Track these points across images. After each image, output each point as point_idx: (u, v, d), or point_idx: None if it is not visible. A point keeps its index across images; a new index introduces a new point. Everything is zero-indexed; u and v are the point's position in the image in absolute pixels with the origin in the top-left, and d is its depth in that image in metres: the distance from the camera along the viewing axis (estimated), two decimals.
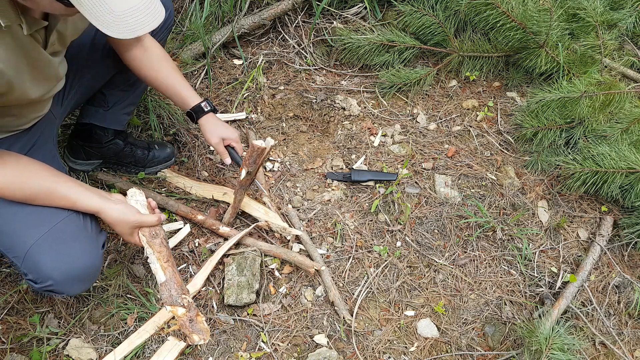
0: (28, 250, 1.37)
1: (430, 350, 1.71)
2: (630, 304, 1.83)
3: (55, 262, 1.39)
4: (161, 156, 2.06)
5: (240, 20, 2.47)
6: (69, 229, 1.42)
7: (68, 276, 1.40)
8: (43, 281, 1.39)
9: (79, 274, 1.43)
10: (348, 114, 2.36)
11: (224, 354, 1.67)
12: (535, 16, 2.21)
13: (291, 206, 2.02)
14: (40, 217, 1.40)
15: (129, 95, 1.89)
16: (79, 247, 1.42)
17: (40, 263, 1.38)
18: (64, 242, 1.40)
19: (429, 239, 1.96)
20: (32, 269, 1.39)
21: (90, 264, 1.44)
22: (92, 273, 1.47)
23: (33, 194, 1.37)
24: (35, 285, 1.41)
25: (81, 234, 1.44)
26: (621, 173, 1.94)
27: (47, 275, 1.39)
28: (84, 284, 1.50)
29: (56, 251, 1.39)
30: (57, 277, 1.39)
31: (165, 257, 1.52)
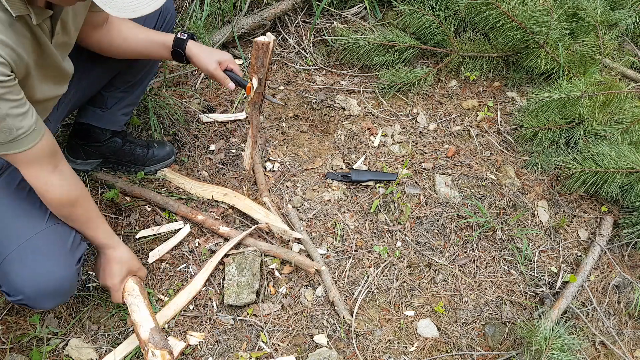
0: (2, 261, 1.36)
1: (430, 350, 1.71)
2: (630, 304, 1.83)
3: (27, 278, 1.36)
4: (160, 154, 2.06)
5: (240, 20, 2.47)
6: (44, 243, 1.39)
7: (39, 292, 1.38)
8: (15, 295, 1.38)
9: (51, 290, 1.40)
10: (348, 114, 2.36)
11: (224, 354, 1.67)
12: (535, 16, 2.21)
13: (291, 206, 2.02)
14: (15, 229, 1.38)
15: (128, 96, 1.88)
16: (53, 263, 1.39)
17: (12, 277, 1.36)
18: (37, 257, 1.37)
19: (429, 239, 1.96)
20: (5, 281, 1.37)
21: (63, 281, 1.41)
22: (65, 289, 1.44)
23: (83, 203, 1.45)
24: (9, 298, 1.39)
25: (56, 249, 1.41)
26: (621, 173, 1.94)
27: (19, 290, 1.37)
28: (57, 300, 1.46)
29: (28, 267, 1.36)
30: (28, 293, 1.37)
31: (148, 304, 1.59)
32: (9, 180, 1.42)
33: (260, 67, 1.62)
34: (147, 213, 1.97)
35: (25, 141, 1.24)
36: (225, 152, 2.19)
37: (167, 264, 1.85)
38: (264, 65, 1.61)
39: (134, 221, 1.93)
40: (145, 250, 1.87)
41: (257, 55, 1.59)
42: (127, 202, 1.97)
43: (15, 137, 1.21)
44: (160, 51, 1.70)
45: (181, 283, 1.81)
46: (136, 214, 1.95)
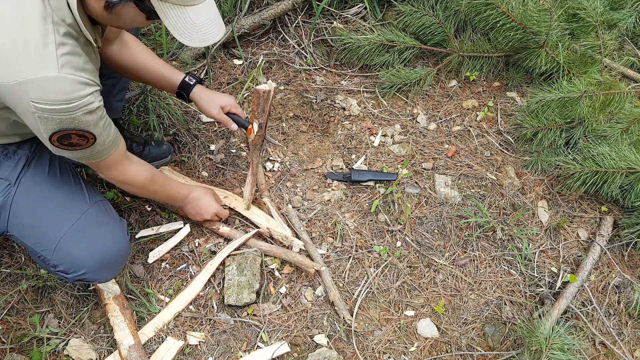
0: (59, 241, 1.43)
1: (430, 350, 1.71)
2: (630, 304, 1.83)
3: (88, 250, 1.45)
4: (156, 153, 2.05)
5: (240, 20, 2.47)
6: (96, 217, 1.50)
7: (101, 263, 1.48)
8: (76, 270, 1.46)
9: (111, 260, 1.51)
10: (348, 114, 2.36)
11: (224, 354, 1.67)
12: (535, 16, 2.21)
13: (291, 206, 2.02)
14: (64, 209, 1.47)
15: (117, 81, 1.88)
16: (108, 233, 1.50)
17: (72, 252, 1.44)
18: (93, 230, 1.48)
19: (429, 239, 1.96)
20: (64, 259, 1.45)
21: (120, 249, 1.52)
22: (122, 258, 1.56)
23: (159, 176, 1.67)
24: (68, 276, 1.47)
25: (108, 221, 1.53)
26: (621, 173, 1.94)
27: (80, 264, 1.45)
28: (115, 270, 1.57)
29: (87, 239, 1.46)
30: (90, 265, 1.46)
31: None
32: (39, 172, 1.49)
33: (261, 112, 1.70)
34: (147, 213, 1.97)
35: (112, 146, 1.40)
36: (225, 152, 2.19)
37: (167, 264, 1.85)
38: (264, 111, 1.70)
39: (134, 221, 1.93)
40: (145, 250, 1.87)
41: (258, 102, 1.67)
42: (127, 202, 1.97)
43: (106, 146, 1.37)
44: (165, 87, 1.81)
45: (181, 283, 1.81)
46: (136, 214, 1.95)
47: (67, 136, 1.25)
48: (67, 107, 1.19)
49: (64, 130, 1.23)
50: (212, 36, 1.25)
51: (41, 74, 1.14)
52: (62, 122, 1.21)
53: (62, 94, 1.17)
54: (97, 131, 1.30)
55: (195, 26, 1.22)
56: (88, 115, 1.24)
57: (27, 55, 1.14)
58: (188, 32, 1.21)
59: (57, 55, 1.15)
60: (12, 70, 1.14)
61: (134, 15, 1.22)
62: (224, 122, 1.81)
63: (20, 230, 1.46)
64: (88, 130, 1.27)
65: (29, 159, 1.48)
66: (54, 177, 1.51)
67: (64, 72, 1.16)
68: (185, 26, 1.21)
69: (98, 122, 1.29)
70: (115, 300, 1.68)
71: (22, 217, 1.45)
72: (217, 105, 1.78)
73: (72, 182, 1.54)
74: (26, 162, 1.47)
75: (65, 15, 1.18)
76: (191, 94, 1.78)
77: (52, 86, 1.15)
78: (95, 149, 1.34)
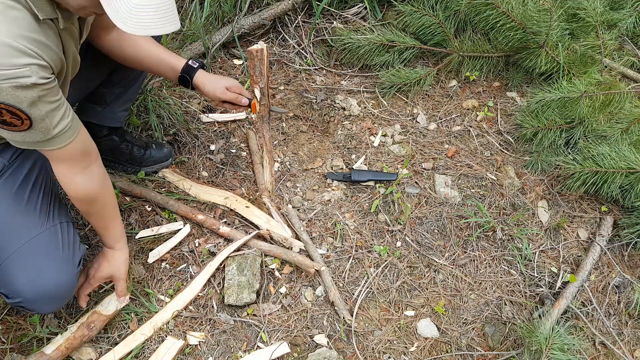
0: (1, 264, 1.35)
1: (430, 350, 1.71)
2: (630, 304, 1.83)
3: (27, 280, 1.35)
4: (157, 156, 2.05)
5: (240, 20, 2.47)
6: (44, 245, 1.39)
7: (39, 295, 1.37)
8: (13, 297, 1.37)
9: (51, 293, 1.39)
10: (348, 114, 2.36)
11: (224, 354, 1.67)
12: (535, 16, 2.21)
13: (291, 206, 2.02)
14: (14, 231, 1.37)
15: (127, 91, 1.87)
16: (53, 266, 1.39)
17: (11, 279, 1.35)
18: (37, 260, 1.37)
19: (429, 239, 1.96)
20: (4, 283, 1.37)
21: (63, 284, 1.41)
22: (65, 292, 1.44)
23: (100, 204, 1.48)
24: (7, 300, 1.39)
25: (56, 251, 1.41)
26: (621, 173, 1.94)
27: (18, 292, 1.36)
28: (56, 303, 1.46)
29: (28, 269, 1.36)
30: (27, 295, 1.36)
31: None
32: (9, 182, 1.41)
33: (259, 75, 1.64)
34: (147, 213, 1.97)
35: (59, 139, 1.25)
36: (225, 152, 2.19)
37: (167, 264, 1.85)
38: (262, 73, 1.63)
39: (134, 221, 1.93)
40: (145, 250, 1.87)
41: (253, 64, 1.61)
42: (127, 202, 1.97)
43: (52, 136, 1.23)
44: (168, 72, 1.73)
45: (181, 283, 1.81)
46: (136, 214, 1.95)
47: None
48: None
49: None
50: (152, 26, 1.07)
51: None
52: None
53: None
54: (34, 113, 1.14)
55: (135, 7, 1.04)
56: (19, 90, 1.09)
57: None
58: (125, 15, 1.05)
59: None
60: None
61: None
62: (232, 99, 1.72)
63: None
64: (20, 109, 1.12)
65: (4, 168, 1.40)
66: (21, 193, 1.41)
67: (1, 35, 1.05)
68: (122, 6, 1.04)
69: (36, 103, 1.14)
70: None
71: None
72: (222, 87, 1.71)
73: (38, 201, 1.42)
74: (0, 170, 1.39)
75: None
76: (195, 78, 1.71)
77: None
78: (34, 134, 1.20)
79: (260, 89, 1.66)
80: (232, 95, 1.72)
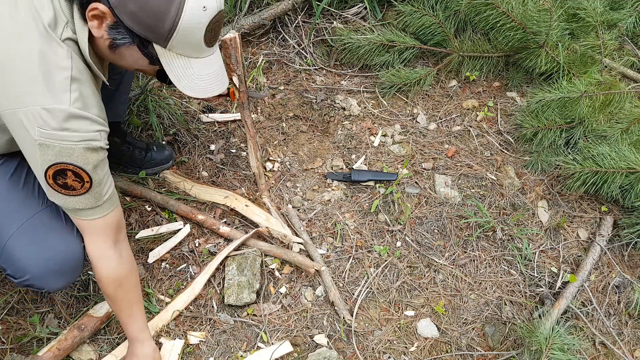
0: (5, 243, 1.36)
1: (430, 350, 1.71)
2: (630, 304, 1.83)
3: (32, 255, 1.36)
4: (158, 158, 2.05)
5: (240, 20, 2.47)
6: (46, 221, 1.40)
7: (46, 269, 1.37)
8: (21, 275, 1.37)
9: (58, 266, 1.39)
10: (348, 114, 2.36)
11: (224, 354, 1.67)
12: (535, 16, 2.21)
13: (291, 206, 2.02)
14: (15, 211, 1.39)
15: (120, 86, 1.87)
16: (57, 237, 1.39)
17: (16, 256, 1.36)
18: (41, 234, 1.38)
19: (429, 239, 1.96)
20: (10, 263, 1.37)
21: (69, 255, 1.40)
22: (72, 265, 1.42)
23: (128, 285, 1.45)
24: (14, 280, 1.39)
25: (59, 225, 1.41)
26: (621, 173, 1.94)
27: (25, 269, 1.36)
28: (65, 278, 1.44)
29: (33, 244, 1.36)
30: (34, 271, 1.36)
31: None
32: (2, 171, 1.43)
33: (235, 63, 1.67)
34: (147, 213, 1.97)
35: (105, 206, 1.31)
36: (225, 152, 2.19)
37: (167, 264, 1.85)
38: (238, 61, 1.67)
39: (134, 221, 1.93)
40: (145, 250, 1.87)
41: (228, 53, 1.65)
42: (127, 202, 1.97)
43: (102, 202, 1.29)
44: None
45: (181, 283, 1.81)
46: (136, 214, 1.95)
47: (63, 172, 1.20)
48: (70, 136, 1.16)
49: (61, 163, 1.19)
50: (211, 90, 1.27)
51: (53, 105, 1.14)
52: (61, 153, 1.17)
53: (69, 123, 1.16)
54: (95, 176, 1.24)
55: (197, 77, 1.24)
56: (88, 153, 1.20)
57: (41, 86, 1.14)
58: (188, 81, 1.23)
59: (71, 90, 1.16)
60: (26, 98, 1.14)
61: (137, 58, 1.23)
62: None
63: None
64: (85, 170, 1.22)
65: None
66: (18, 177, 1.44)
67: (74, 106, 1.16)
68: (186, 76, 1.23)
69: (98, 167, 1.24)
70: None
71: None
72: None
73: (34, 185, 1.44)
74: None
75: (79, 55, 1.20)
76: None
77: (61, 116, 1.15)
78: (88, 199, 1.27)
79: (238, 77, 1.69)
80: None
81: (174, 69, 1.22)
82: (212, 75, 1.27)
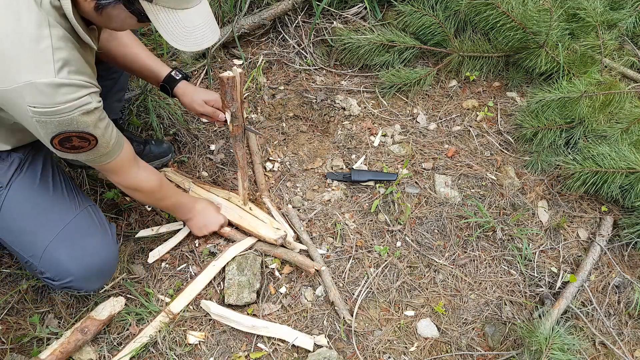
0: (46, 248, 1.42)
1: (430, 350, 1.71)
2: (630, 304, 1.83)
3: (75, 258, 1.44)
4: (157, 151, 2.05)
5: (240, 20, 2.47)
6: (84, 225, 1.49)
7: (87, 271, 1.46)
8: (62, 278, 1.44)
9: (98, 268, 1.49)
10: (348, 114, 2.36)
11: (223, 354, 1.67)
12: (535, 16, 2.21)
13: (291, 206, 2.02)
14: (51, 216, 1.46)
15: (116, 82, 1.88)
16: (96, 241, 1.49)
17: (59, 260, 1.43)
18: (81, 238, 1.46)
19: (429, 239, 1.96)
20: (51, 266, 1.44)
21: (108, 257, 1.51)
22: (110, 266, 1.54)
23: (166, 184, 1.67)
24: (54, 283, 1.46)
25: (96, 229, 1.51)
26: (621, 173, 1.94)
27: (67, 272, 1.44)
28: (103, 278, 1.56)
29: (75, 247, 1.44)
30: (76, 273, 1.45)
31: None
32: (30, 175, 1.48)
33: (230, 101, 1.64)
34: (147, 213, 1.96)
35: (116, 148, 1.40)
36: (225, 152, 2.19)
37: (167, 264, 1.85)
38: (234, 99, 1.63)
39: (133, 221, 1.93)
40: (145, 250, 1.87)
41: (224, 90, 1.61)
42: (127, 202, 1.97)
43: (111, 148, 1.37)
44: (150, 78, 1.79)
45: (181, 283, 1.81)
46: (136, 214, 1.95)
47: (67, 139, 1.25)
48: (63, 108, 1.19)
49: (63, 132, 1.23)
50: (205, 40, 1.23)
51: (38, 80, 1.14)
52: (61, 125, 1.21)
53: (58, 96, 1.17)
54: (97, 132, 1.29)
55: (187, 30, 1.20)
56: (86, 116, 1.24)
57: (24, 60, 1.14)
58: (180, 35, 1.20)
59: (54, 60, 1.15)
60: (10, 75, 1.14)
61: (124, 17, 1.21)
62: (209, 114, 1.78)
63: (8, 235, 1.45)
64: (88, 132, 1.26)
65: (22, 162, 1.47)
66: (46, 181, 1.50)
67: (60, 77, 1.16)
68: (177, 30, 1.19)
69: (98, 123, 1.28)
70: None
71: (10, 221, 1.43)
72: (201, 99, 1.76)
73: (63, 187, 1.53)
74: (19, 165, 1.46)
75: (60, 20, 1.18)
76: (175, 89, 1.76)
77: (49, 91, 1.15)
78: (98, 150, 1.34)
79: (232, 113, 1.68)
80: (210, 109, 1.77)
81: (163, 24, 1.19)
82: (203, 26, 1.23)
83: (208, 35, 1.24)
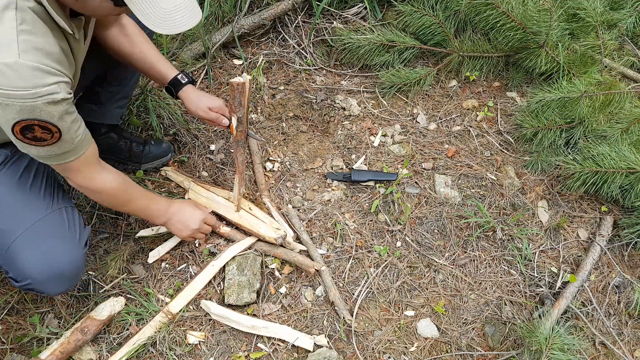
0: (9, 246, 1.37)
1: (430, 350, 1.71)
2: (630, 304, 1.83)
3: (35, 261, 1.38)
4: (156, 151, 2.05)
5: (240, 20, 2.47)
6: (51, 226, 1.42)
7: (48, 275, 1.39)
8: (22, 279, 1.39)
9: (58, 272, 1.41)
10: (348, 114, 2.36)
11: (223, 354, 1.67)
12: (535, 16, 2.21)
13: (291, 206, 2.02)
14: (21, 214, 1.41)
15: (121, 89, 1.88)
16: (60, 245, 1.42)
17: (19, 261, 1.37)
18: (45, 239, 1.40)
19: (429, 239, 1.96)
20: (11, 266, 1.39)
21: (70, 262, 1.43)
22: (72, 271, 1.45)
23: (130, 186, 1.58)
24: (16, 284, 1.41)
25: (63, 231, 1.44)
26: (621, 173, 1.94)
27: (27, 274, 1.38)
28: (65, 284, 1.47)
29: (36, 249, 1.38)
30: (36, 276, 1.38)
31: None
32: (12, 170, 1.44)
33: (238, 106, 1.67)
34: None
35: (81, 146, 1.33)
36: (225, 152, 2.19)
37: (167, 264, 1.85)
38: (242, 105, 1.67)
39: (133, 221, 1.93)
40: (145, 250, 1.87)
41: (233, 95, 1.64)
42: None
43: (75, 144, 1.31)
44: (157, 79, 1.77)
45: (181, 283, 1.81)
46: None
47: (29, 127, 1.19)
48: (26, 94, 1.13)
49: (25, 120, 1.17)
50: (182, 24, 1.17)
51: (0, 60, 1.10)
52: (23, 111, 1.15)
53: (20, 79, 1.12)
54: (62, 125, 1.23)
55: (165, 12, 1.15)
56: (51, 106, 1.18)
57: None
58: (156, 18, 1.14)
59: (18, 41, 1.11)
60: None
61: (100, 1, 1.17)
62: (213, 119, 1.76)
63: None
64: (52, 123, 1.20)
65: (7, 159, 1.44)
66: (26, 179, 1.46)
67: (24, 59, 1.11)
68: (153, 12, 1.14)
69: (64, 116, 1.23)
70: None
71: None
72: (205, 106, 1.75)
73: (42, 186, 1.48)
74: (3, 161, 1.43)
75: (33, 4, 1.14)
76: (180, 92, 1.75)
77: (9, 72, 1.11)
78: (62, 146, 1.28)
79: (238, 118, 1.70)
80: (214, 115, 1.76)
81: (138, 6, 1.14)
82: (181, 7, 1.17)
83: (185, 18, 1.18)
